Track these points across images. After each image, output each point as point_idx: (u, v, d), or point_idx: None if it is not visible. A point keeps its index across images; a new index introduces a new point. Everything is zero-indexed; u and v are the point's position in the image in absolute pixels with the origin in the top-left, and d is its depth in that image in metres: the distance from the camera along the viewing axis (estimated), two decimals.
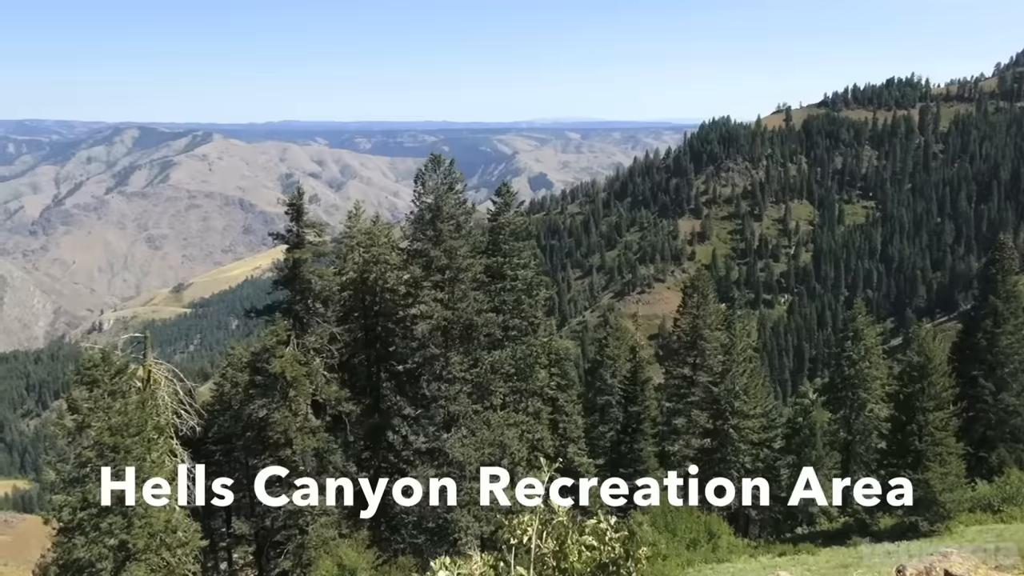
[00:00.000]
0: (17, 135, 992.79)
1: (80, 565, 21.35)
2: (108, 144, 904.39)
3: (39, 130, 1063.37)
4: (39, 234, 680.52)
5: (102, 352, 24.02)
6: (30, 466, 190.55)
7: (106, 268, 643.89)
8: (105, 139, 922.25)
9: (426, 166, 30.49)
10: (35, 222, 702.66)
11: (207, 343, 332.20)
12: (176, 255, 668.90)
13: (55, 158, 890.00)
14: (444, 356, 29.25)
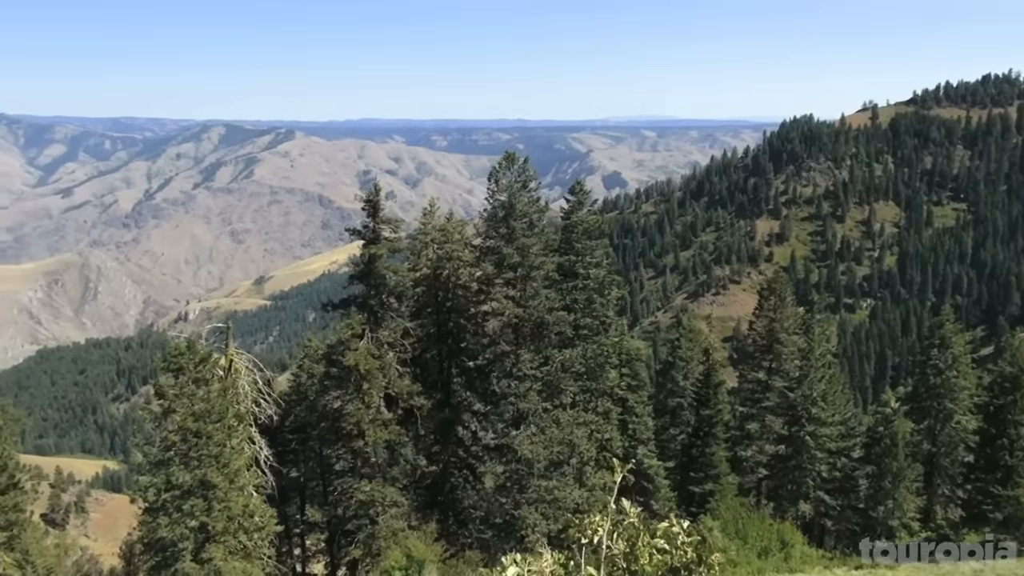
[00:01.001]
0: (113, 132, 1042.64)
1: (163, 544, 22.24)
2: (196, 141, 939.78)
3: (133, 128, 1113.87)
4: (131, 227, 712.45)
5: (187, 341, 24.98)
6: (119, 448, 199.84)
7: (192, 260, 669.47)
8: (193, 136, 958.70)
9: (500, 164, 30.58)
10: (128, 215, 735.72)
11: (285, 334, 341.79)
12: (258, 249, 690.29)
13: (147, 154, 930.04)
14: (515, 353, 29.31)
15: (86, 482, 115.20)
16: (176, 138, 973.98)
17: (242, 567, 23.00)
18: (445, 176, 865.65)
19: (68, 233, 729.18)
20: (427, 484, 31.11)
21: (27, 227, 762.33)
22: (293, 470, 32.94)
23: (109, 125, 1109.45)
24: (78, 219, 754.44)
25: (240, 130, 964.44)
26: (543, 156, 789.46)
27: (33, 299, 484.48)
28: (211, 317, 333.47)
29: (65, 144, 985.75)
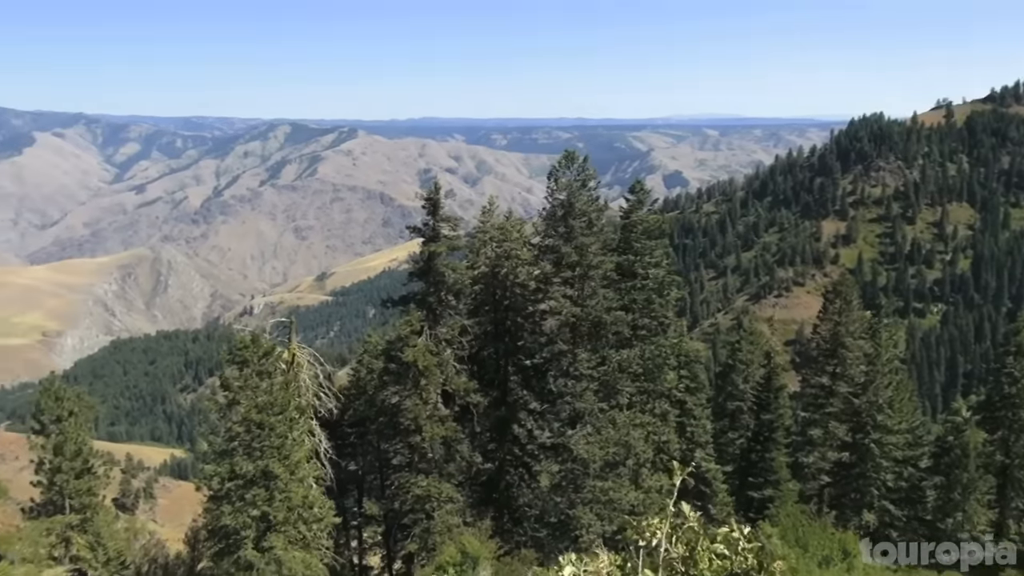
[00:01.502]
0: (184, 131, 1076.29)
1: (226, 532, 22.86)
2: (263, 140, 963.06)
3: (203, 126, 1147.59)
4: (200, 223, 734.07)
5: (252, 335, 25.60)
6: (186, 436, 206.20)
7: (258, 256, 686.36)
8: (260, 135, 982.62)
9: (559, 163, 30.49)
10: (197, 212, 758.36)
11: (346, 330, 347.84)
12: (320, 245, 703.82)
13: (216, 152, 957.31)
14: (572, 353, 29.21)
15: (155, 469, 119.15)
16: (244, 137, 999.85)
17: (301, 557, 23.48)
18: (505, 175, 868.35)
19: (141, 228, 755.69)
20: (482, 481, 31.25)
21: (103, 222, 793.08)
22: (351, 463, 33.49)
23: (181, 124, 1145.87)
24: (150, 215, 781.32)
25: (305, 129, 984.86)
26: (603, 155, 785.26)
27: (108, 292, 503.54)
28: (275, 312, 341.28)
29: (139, 143, 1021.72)
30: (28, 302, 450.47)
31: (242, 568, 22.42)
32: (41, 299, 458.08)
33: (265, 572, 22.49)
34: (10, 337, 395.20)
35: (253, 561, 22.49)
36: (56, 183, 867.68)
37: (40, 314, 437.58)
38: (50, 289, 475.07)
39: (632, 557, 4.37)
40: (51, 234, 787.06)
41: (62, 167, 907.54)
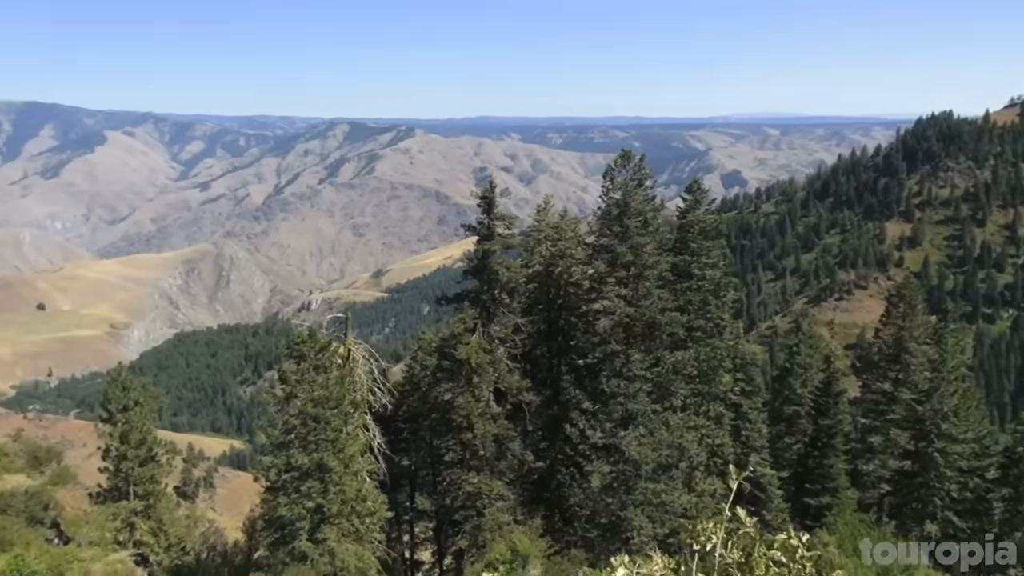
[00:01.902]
0: (247, 130, 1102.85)
1: (282, 522, 23.34)
2: (322, 138, 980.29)
3: (265, 125, 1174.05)
4: (261, 219, 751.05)
5: (309, 330, 26.08)
6: (245, 428, 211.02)
7: (316, 252, 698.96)
8: (320, 134, 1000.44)
9: (615, 161, 30.25)
10: (258, 208, 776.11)
11: (401, 326, 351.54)
12: (377, 242, 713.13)
13: (277, 151, 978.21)
14: (625, 353, 28.98)
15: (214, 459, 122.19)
16: (304, 135, 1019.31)
17: (354, 549, 23.83)
18: (560, 173, 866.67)
19: (205, 225, 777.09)
20: (534, 480, 31.25)
21: (169, 218, 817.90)
22: (404, 458, 33.82)
23: (244, 123, 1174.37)
24: (214, 211, 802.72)
25: (364, 127, 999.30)
26: (660, 154, 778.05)
27: (173, 286, 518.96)
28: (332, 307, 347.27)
29: (204, 141, 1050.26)
30: (98, 295, 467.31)
31: (297, 558, 22.86)
32: (110, 292, 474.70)
33: (319, 563, 22.89)
34: (81, 328, 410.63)
35: (307, 552, 22.92)
36: (125, 180, 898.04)
37: (109, 306, 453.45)
38: (118, 283, 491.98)
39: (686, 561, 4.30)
40: (120, 229, 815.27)
41: (131, 164, 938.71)
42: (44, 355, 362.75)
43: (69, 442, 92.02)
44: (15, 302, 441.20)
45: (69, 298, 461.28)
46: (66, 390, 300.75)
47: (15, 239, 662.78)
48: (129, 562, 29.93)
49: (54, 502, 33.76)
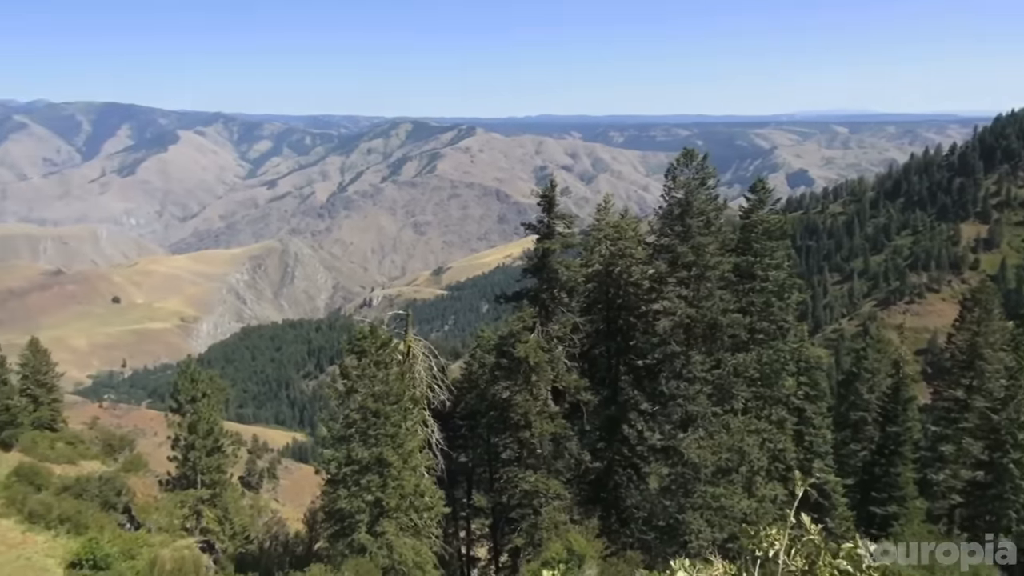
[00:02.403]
0: (313, 129, 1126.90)
1: (342, 515, 23.74)
2: (385, 137, 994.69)
3: (330, 124, 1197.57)
4: (325, 217, 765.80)
5: (370, 326, 26.49)
6: (307, 421, 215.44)
7: (378, 250, 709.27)
8: (383, 132, 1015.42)
9: (677, 160, 29.88)
10: (322, 206, 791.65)
11: (460, 324, 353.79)
12: (437, 240, 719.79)
13: (341, 149, 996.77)
14: (685, 354, 28.60)
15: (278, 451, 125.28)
16: (368, 134, 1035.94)
17: (411, 544, 24.10)
18: (621, 172, 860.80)
19: (271, 222, 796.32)
20: (591, 480, 31.11)
21: (237, 215, 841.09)
22: (462, 455, 34.05)
23: (310, 122, 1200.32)
24: (280, 209, 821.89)
25: (426, 127, 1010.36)
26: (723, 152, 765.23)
27: (240, 281, 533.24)
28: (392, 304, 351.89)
29: (272, 140, 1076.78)
30: (169, 289, 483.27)
31: (356, 551, 23.23)
32: (181, 287, 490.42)
33: (377, 556, 23.22)
34: (153, 321, 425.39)
35: (366, 544, 23.26)
36: (196, 178, 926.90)
37: (180, 300, 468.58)
38: (189, 277, 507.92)
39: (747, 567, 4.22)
40: (191, 226, 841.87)
41: (202, 163, 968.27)
42: (118, 346, 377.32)
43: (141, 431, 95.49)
44: (92, 295, 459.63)
45: (143, 292, 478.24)
46: (139, 380, 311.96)
47: (93, 235, 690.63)
48: (196, 548, 30.87)
49: (126, 488, 35.03)
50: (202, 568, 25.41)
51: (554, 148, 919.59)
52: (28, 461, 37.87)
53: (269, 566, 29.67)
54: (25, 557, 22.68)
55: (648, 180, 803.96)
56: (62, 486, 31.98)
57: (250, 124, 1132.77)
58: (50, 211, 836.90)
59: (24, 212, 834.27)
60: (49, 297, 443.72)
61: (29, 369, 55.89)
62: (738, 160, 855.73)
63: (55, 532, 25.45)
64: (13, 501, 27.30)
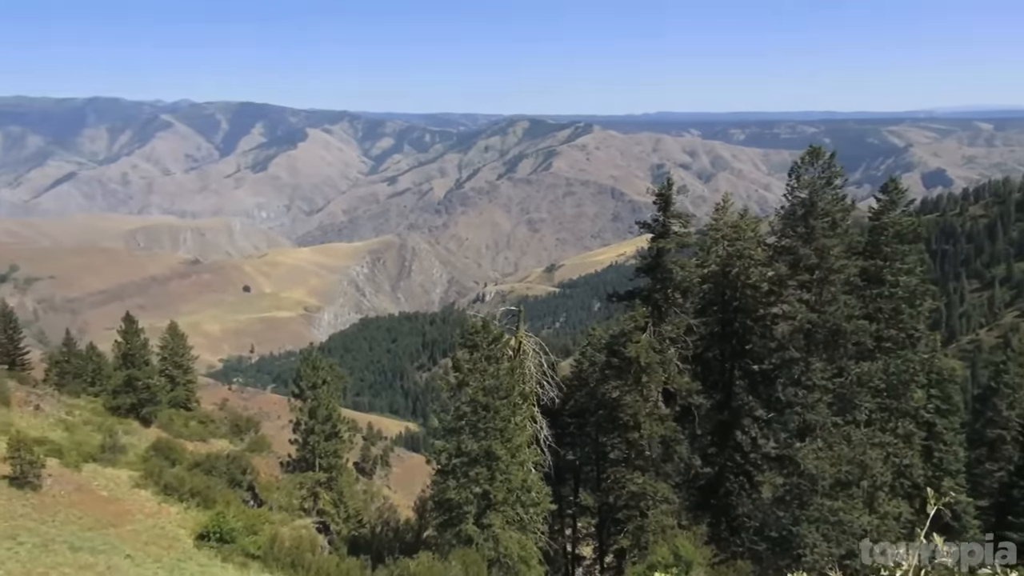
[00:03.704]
0: (432, 126, 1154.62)
1: (451, 505, 24.21)
2: (502, 135, 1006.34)
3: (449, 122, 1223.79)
4: (442, 213, 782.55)
5: (483, 321, 26.85)
6: (420, 412, 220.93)
7: (492, 246, 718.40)
8: (500, 130, 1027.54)
9: (802, 159, 28.72)
10: (440, 202, 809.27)
11: (571, 322, 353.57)
12: (551, 238, 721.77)
13: (459, 147, 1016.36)
14: (805, 361, 27.50)
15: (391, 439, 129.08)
16: (485, 132, 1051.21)
17: (517, 538, 24.30)
18: (741, 171, 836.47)
19: (391, 217, 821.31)
20: (700, 485, 30.44)
21: (359, 210, 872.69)
22: (569, 452, 34.02)
23: (430, 120, 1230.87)
24: (399, 204, 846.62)
25: (543, 124, 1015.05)
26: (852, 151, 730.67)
27: (360, 274, 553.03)
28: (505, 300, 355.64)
29: (393, 138, 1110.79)
30: (295, 280, 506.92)
31: (463, 541, 23.64)
32: (305, 278, 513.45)
33: (483, 548, 23.55)
34: (279, 310, 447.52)
35: (473, 536, 23.64)
36: (322, 174, 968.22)
37: (303, 291, 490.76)
38: (313, 269, 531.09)
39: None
40: (316, 220, 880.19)
41: (328, 159, 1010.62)
42: (247, 333, 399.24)
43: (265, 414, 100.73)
44: (225, 284, 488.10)
45: (271, 282, 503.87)
46: (265, 366, 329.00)
47: (227, 227, 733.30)
48: (312, 528, 32.27)
49: (251, 467, 36.94)
50: (317, 548, 26.50)
51: (672, 146, 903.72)
52: (165, 437, 40.66)
53: (380, 550, 30.62)
54: (159, 526, 24.33)
55: (770, 179, 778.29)
56: (194, 462, 34.10)
57: (373, 122, 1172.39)
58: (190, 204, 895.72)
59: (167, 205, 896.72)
60: (187, 285, 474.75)
61: (168, 351, 60.03)
62: (869, 159, 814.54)
63: (186, 505, 27.16)
64: (151, 474, 29.33)
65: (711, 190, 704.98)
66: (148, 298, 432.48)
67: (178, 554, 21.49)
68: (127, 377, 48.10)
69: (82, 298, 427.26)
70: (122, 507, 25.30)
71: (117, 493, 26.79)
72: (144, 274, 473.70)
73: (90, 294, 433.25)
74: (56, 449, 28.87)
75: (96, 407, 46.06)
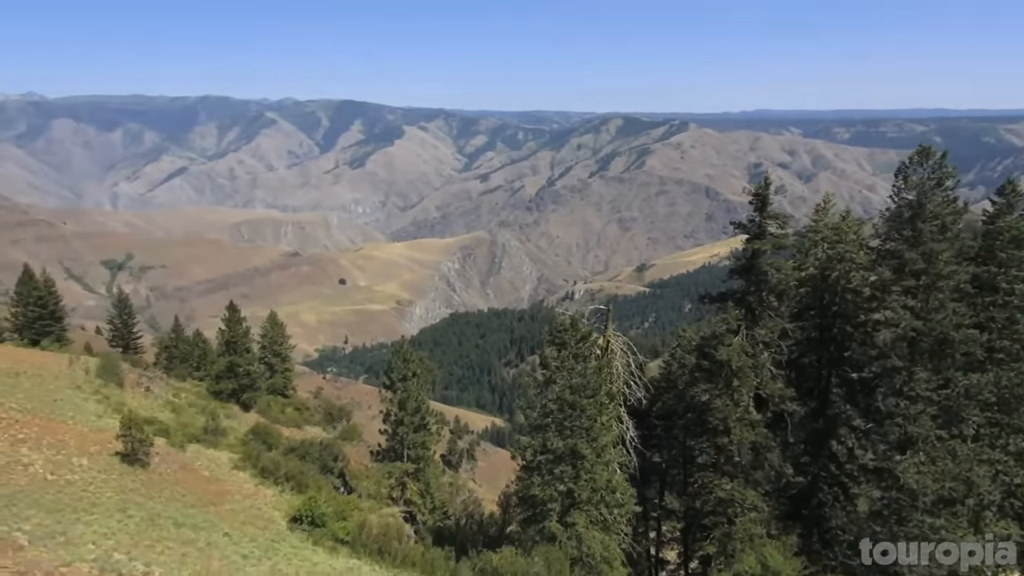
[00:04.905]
0: (526, 124, 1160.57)
1: (535, 501, 24.32)
2: (595, 133, 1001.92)
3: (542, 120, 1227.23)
4: (533, 210, 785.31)
5: (571, 319, 26.81)
6: (506, 407, 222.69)
7: (582, 244, 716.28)
8: (593, 128, 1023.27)
9: (910, 159, 27.38)
10: (531, 200, 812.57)
11: (660, 322, 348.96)
12: (642, 237, 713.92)
13: (552, 145, 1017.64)
14: (908, 370, 26.25)
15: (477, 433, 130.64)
16: (578, 130, 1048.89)
17: (600, 538, 24.19)
18: (844, 171, 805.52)
19: (482, 214, 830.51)
20: (792, 494, 29.51)
21: (452, 207, 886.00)
22: (656, 455, 33.60)
23: (523, 118, 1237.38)
24: (491, 202, 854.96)
25: (636, 122, 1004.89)
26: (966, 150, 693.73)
27: (451, 269, 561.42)
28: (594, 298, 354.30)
29: (486, 135, 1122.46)
30: (388, 274, 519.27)
31: (546, 538, 23.70)
32: (399, 272, 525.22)
33: (566, 546, 23.55)
34: (373, 303, 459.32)
35: (556, 533, 23.67)
36: (417, 171, 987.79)
37: (396, 285, 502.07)
38: (406, 264, 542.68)
39: None
40: (410, 215, 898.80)
41: (422, 156, 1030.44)
42: (342, 324, 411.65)
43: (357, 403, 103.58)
44: (322, 277, 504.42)
45: (365, 275, 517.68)
46: (358, 357, 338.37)
47: (325, 221, 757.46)
48: (399, 517, 33.04)
49: (342, 455, 38.10)
50: (404, 536, 27.10)
51: (770, 144, 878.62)
52: (262, 422, 42.40)
53: (464, 542, 31.06)
54: (256, 507, 25.40)
55: (875, 180, 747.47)
56: (289, 447, 35.43)
57: (468, 120, 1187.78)
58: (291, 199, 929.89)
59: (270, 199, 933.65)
60: (287, 276, 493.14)
61: (268, 340, 62.53)
62: (984, 159, 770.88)
63: (281, 488, 28.27)
64: (249, 456, 30.65)
65: (811, 190, 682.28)
66: (251, 288, 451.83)
67: (272, 535, 22.38)
68: (229, 363, 50.38)
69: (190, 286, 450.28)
70: (222, 487, 26.54)
71: (218, 473, 28.12)
72: (247, 265, 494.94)
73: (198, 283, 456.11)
74: (163, 429, 30.55)
75: (200, 391, 48.45)
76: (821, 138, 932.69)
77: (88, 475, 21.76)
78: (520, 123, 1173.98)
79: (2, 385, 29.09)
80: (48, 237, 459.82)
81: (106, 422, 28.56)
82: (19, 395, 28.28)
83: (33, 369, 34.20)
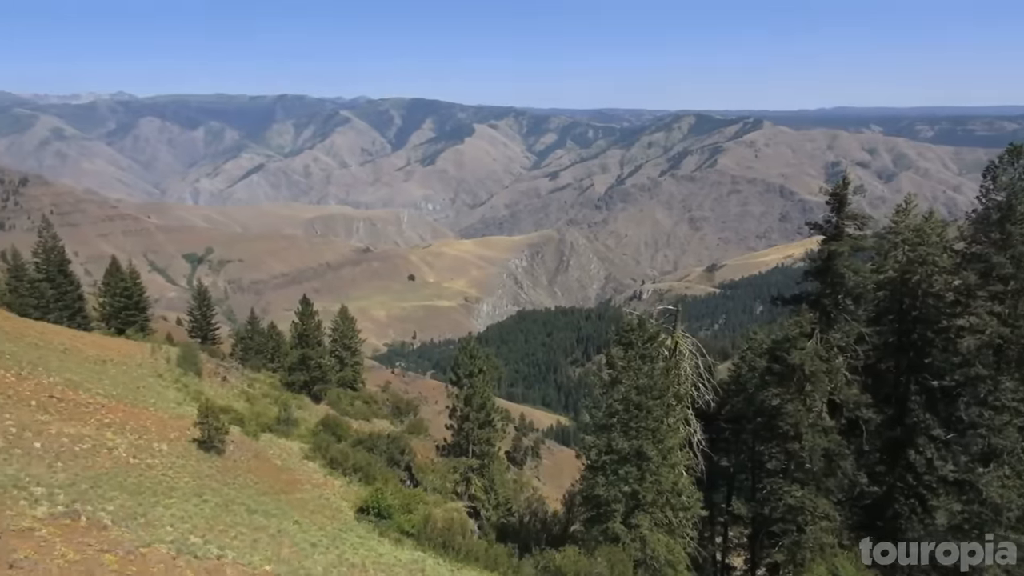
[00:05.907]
0: (596, 122, 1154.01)
1: (599, 502, 24.19)
2: (667, 131, 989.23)
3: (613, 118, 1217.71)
4: (602, 209, 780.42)
5: (639, 319, 26.55)
6: (571, 406, 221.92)
7: (651, 243, 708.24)
8: (665, 126, 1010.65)
9: (1000, 158, 26.20)
10: (600, 198, 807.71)
11: (731, 324, 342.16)
12: (713, 237, 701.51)
13: (622, 143, 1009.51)
14: (993, 379, 25.12)
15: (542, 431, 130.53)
16: (649, 128, 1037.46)
17: (665, 541, 23.90)
18: (927, 170, 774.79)
19: (551, 212, 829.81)
20: (865, 504, 28.58)
21: (520, 204, 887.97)
22: (724, 459, 32.99)
23: (594, 115, 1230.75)
24: (560, 200, 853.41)
25: (709, 120, 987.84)
26: None
27: (519, 267, 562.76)
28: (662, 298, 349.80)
29: (556, 133, 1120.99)
30: (457, 271, 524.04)
31: (609, 539, 23.55)
32: (467, 269, 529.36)
33: (630, 548, 23.35)
34: (441, 299, 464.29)
35: (620, 535, 23.49)
36: (486, 168, 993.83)
37: (464, 281, 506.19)
38: (474, 261, 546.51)
39: None
40: (479, 213, 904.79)
41: (492, 154, 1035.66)
42: (411, 320, 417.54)
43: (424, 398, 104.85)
44: (392, 272, 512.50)
45: (434, 272, 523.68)
46: (425, 352, 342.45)
47: (396, 218, 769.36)
48: (463, 512, 33.30)
49: (408, 448, 38.64)
50: (468, 531, 27.30)
51: (849, 142, 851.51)
52: (332, 414, 43.37)
53: (527, 540, 31.10)
54: (324, 497, 25.98)
55: (961, 180, 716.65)
56: (357, 439, 36.13)
57: (538, 118, 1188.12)
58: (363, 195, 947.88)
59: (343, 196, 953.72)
60: (358, 271, 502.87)
61: (338, 334, 63.87)
62: None
63: (349, 479, 28.83)
64: (319, 447, 31.38)
65: (892, 190, 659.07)
66: (323, 282, 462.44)
67: (340, 525, 22.85)
68: (302, 356, 51.67)
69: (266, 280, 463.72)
70: (292, 476, 27.24)
71: (289, 463, 28.88)
72: (320, 260, 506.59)
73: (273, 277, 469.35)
74: (238, 418, 31.53)
75: (273, 382, 49.85)
76: (903, 136, 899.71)
77: (167, 460, 22.61)
78: (591, 121, 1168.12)
79: (90, 372, 30.46)
80: (134, 231, 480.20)
81: (185, 409, 29.65)
82: (105, 382, 29.57)
83: (119, 357, 35.73)
